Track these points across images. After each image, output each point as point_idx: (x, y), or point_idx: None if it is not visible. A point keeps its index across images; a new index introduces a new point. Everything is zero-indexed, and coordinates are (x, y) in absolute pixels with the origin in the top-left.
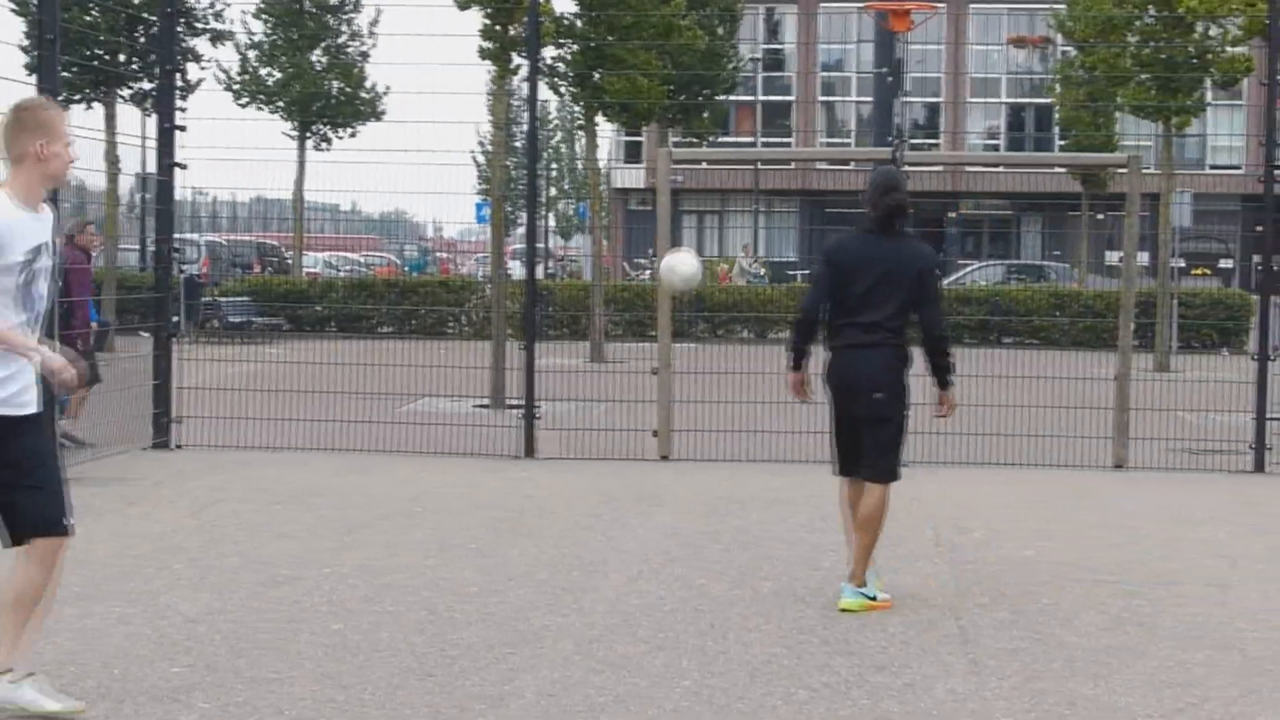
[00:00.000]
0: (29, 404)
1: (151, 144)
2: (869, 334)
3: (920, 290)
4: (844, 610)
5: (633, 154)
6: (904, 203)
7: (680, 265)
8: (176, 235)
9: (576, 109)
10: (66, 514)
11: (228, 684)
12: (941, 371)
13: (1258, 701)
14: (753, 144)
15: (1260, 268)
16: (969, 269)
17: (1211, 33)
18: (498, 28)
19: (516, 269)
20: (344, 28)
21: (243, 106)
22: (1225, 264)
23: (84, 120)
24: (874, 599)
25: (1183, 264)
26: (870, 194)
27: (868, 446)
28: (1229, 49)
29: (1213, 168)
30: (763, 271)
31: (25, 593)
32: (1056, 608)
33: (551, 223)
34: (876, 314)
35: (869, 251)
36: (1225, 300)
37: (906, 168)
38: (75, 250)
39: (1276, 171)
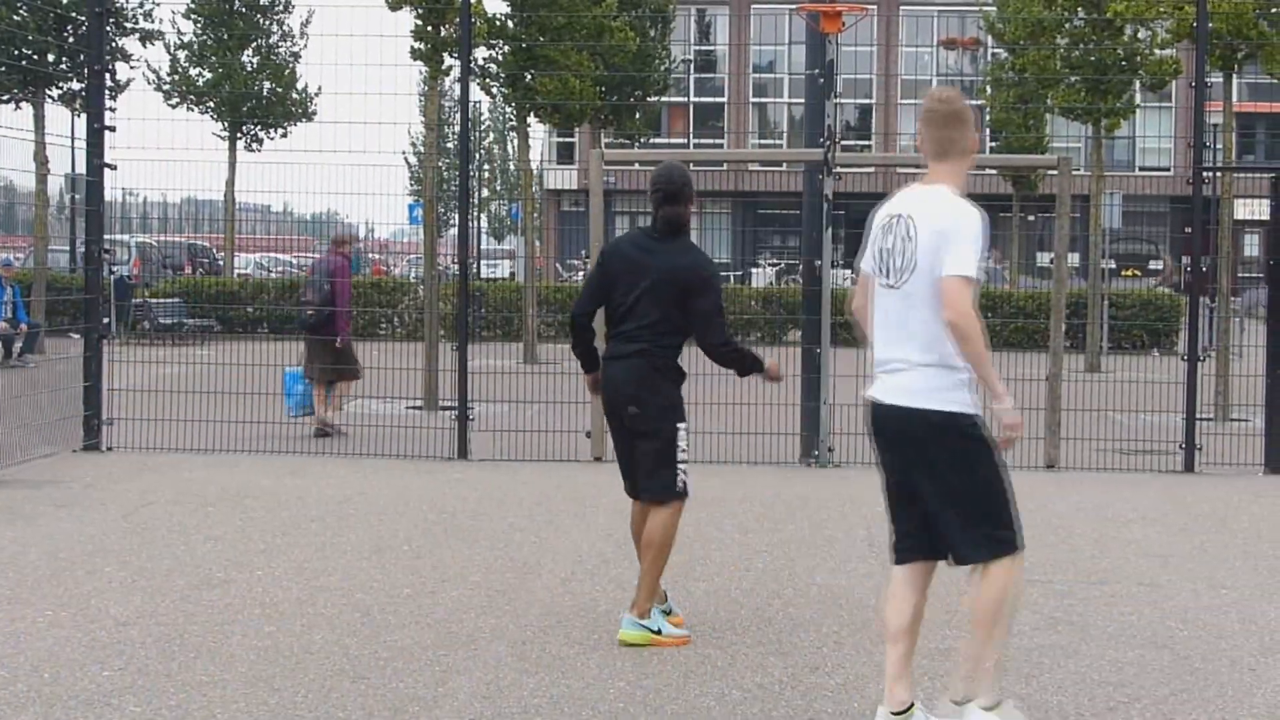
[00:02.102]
0: None
1: (81, 144)
2: (628, 344)
3: (689, 302)
4: (623, 643)
5: (565, 155)
6: (679, 215)
7: None
8: (107, 236)
9: (509, 110)
10: None
11: (159, 687)
12: (744, 372)
13: (1189, 700)
14: (685, 145)
15: (1189, 269)
16: None
17: (1140, 35)
18: (430, 28)
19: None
20: (275, 28)
21: (173, 107)
22: (1155, 265)
23: (12, 120)
24: (658, 632)
25: (1113, 265)
26: (650, 194)
27: (638, 464)
28: (1157, 51)
29: (1142, 169)
30: None
31: None
32: None
33: (484, 224)
34: (638, 323)
35: (641, 257)
36: (1155, 301)
37: (839, 169)
38: None
39: (1205, 174)
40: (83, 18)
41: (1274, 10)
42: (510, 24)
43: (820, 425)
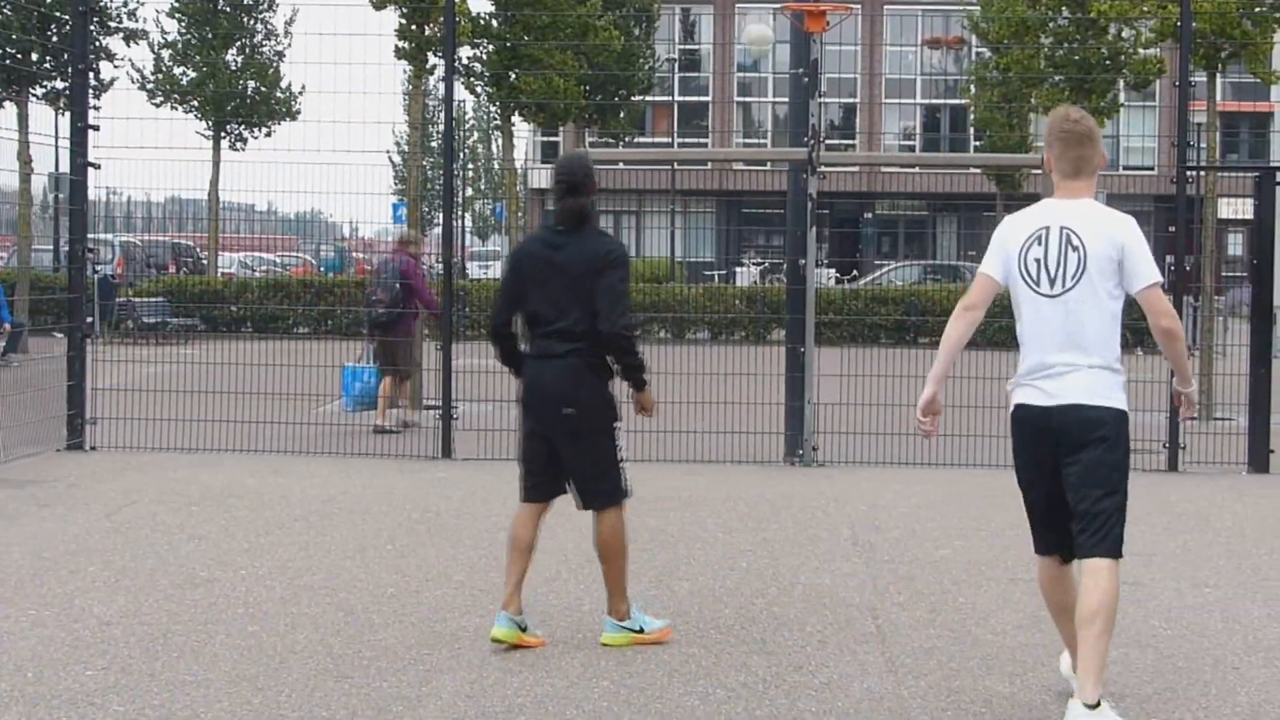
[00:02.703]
0: None
1: (65, 143)
2: (559, 344)
3: (596, 287)
4: (605, 645)
5: (549, 154)
6: (580, 206)
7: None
8: (90, 235)
9: (493, 109)
10: None
11: (143, 687)
12: (629, 372)
13: (1172, 699)
14: (669, 144)
15: (1173, 268)
16: (885, 269)
17: (1124, 35)
18: (414, 27)
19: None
20: (259, 27)
21: (157, 106)
22: None
23: None
24: (640, 631)
25: None
26: (553, 187)
27: (576, 470)
28: (1141, 51)
29: (1126, 168)
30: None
31: None
32: (973, 606)
33: (468, 223)
34: (564, 322)
35: (551, 255)
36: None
37: (823, 168)
38: None
39: (1189, 173)
40: (66, 16)
41: (1258, 10)
42: (494, 23)
43: (804, 424)
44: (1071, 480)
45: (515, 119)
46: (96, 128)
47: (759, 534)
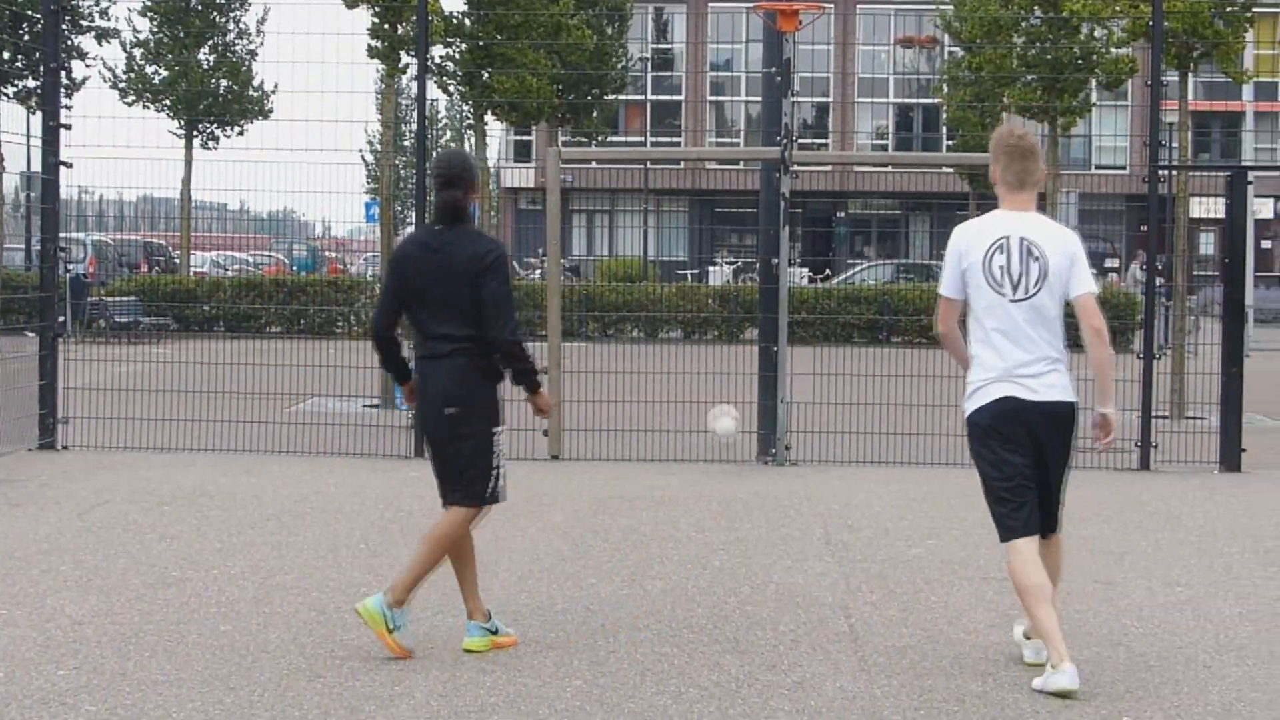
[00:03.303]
0: None
1: (36, 142)
2: (444, 344)
3: (478, 291)
4: (467, 650)
5: (522, 153)
6: (456, 201)
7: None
8: (62, 234)
9: (465, 108)
10: None
11: (115, 687)
12: (522, 377)
13: (1144, 697)
14: (642, 143)
15: (1144, 267)
16: (858, 268)
17: (1096, 34)
18: (386, 26)
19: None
20: (231, 25)
21: (129, 105)
22: (1111, 263)
23: None
24: (495, 632)
25: None
26: (434, 183)
27: (450, 467)
28: (1113, 50)
29: (1098, 168)
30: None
31: None
32: (945, 605)
33: None
34: (448, 323)
35: (429, 256)
36: (1111, 299)
37: (796, 167)
38: None
39: (1161, 172)
40: (38, 15)
41: (1229, 9)
42: (467, 22)
43: (777, 423)
44: (1048, 466)
45: (488, 118)
46: (68, 126)
47: (732, 533)
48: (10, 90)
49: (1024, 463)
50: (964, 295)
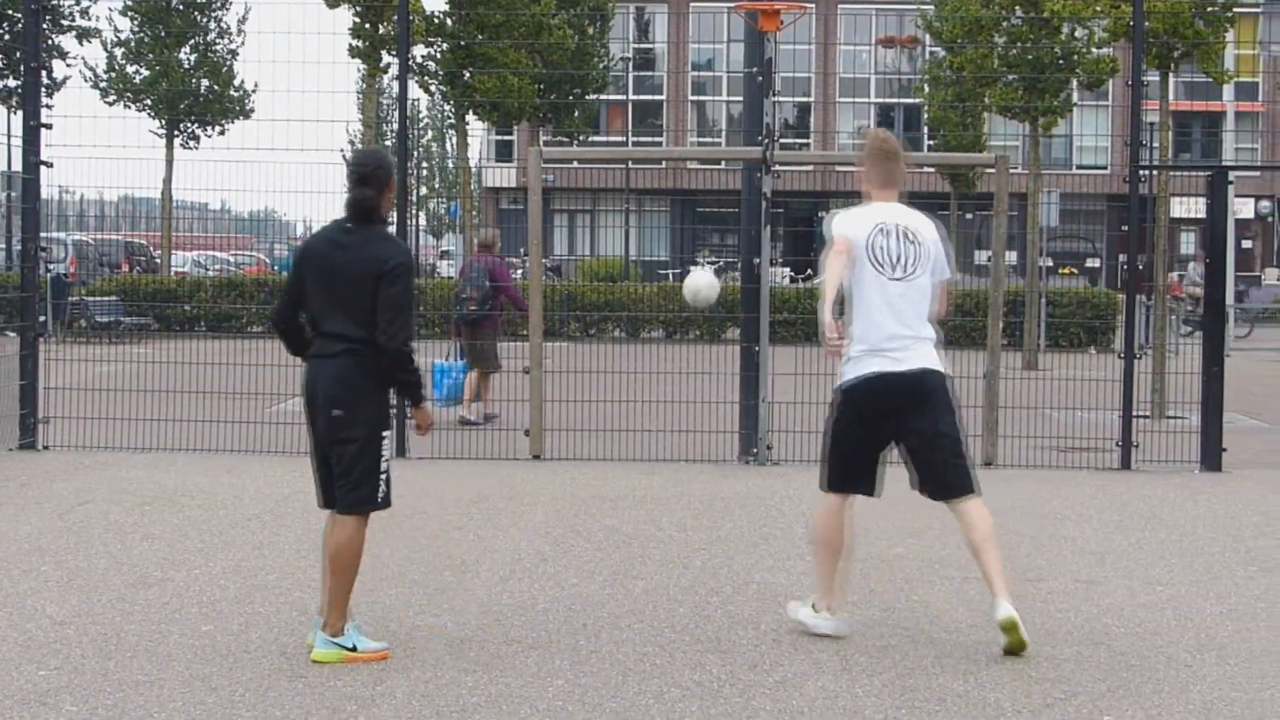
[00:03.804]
0: None
1: (17, 142)
2: (335, 343)
3: (379, 292)
4: (315, 662)
5: (504, 153)
6: (367, 200)
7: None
8: (43, 234)
9: (447, 107)
10: None
11: (96, 687)
12: (406, 389)
13: (1125, 696)
14: (624, 143)
15: (1126, 267)
16: None
17: (1077, 34)
18: (368, 26)
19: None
20: (212, 25)
21: (110, 104)
22: (1092, 263)
23: None
24: (353, 649)
25: (1050, 263)
26: (348, 180)
27: (337, 471)
28: (1094, 50)
29: (1079, 168)
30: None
31: None
32: (926, 605)
33: (422, 222)
34: (341, 322)
35: (334, 253)
36: (1092, 299)
37: (778, 167)
38: None
39: (1141, 172)
40: (18, 15)
41: (1210, 9)
42: (449, 22)
43: (759, 423)
44: (926, 435)
45: (469, 117)
46: (49, 126)
47: (714, 532)
48: None
49: (876, 438)
50: (855, 253)
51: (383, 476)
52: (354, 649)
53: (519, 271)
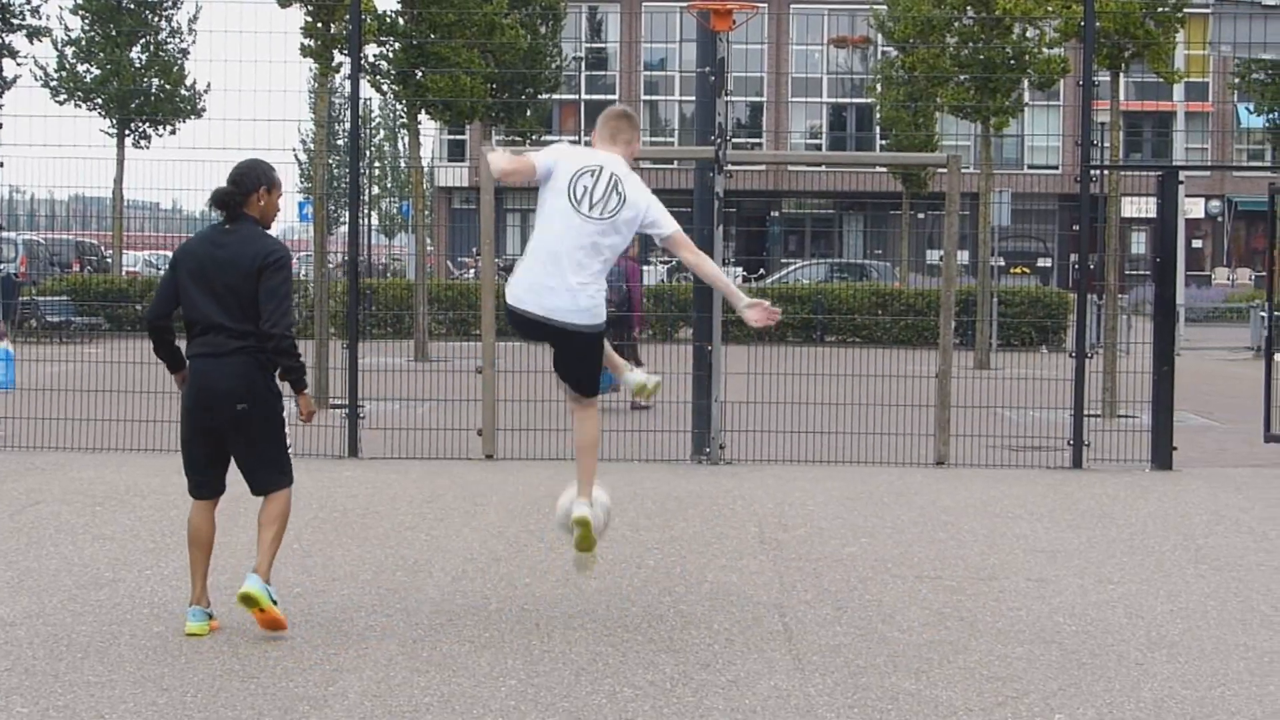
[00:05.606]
0: None
1: None
2: (229, 340)
3: (259, 287)
4: (243, 597)
5: (456, 152)
6: (228, 196)
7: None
8: None
9: (399, 107)
10: None
11: (47, 688)
12: (290, 374)
13: (1076, 694)
14: (577, 143)
15: (1077, 266)
16: (792, 268)
17: (1028, 34)
18: (319, 25)
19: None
20: (163, 24)
21: (60, 103)
22: (1044, 263)
23: None
24: (274, 603)
25: (1002, 263)
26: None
27: (249, 460)
28: (1045, 50)
29: (1031, 168)
30: None
31: None
32: (879, 604)
33: (375, 221)
34: (230, 322)
35: (212, 250)
36: (1044, 299)
37: (730, 166)
38: None
39: (1092, 172)
40: None
41: (1160, 10)
42: (400, 21)
43: (711, 422)
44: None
45: (421, 117)
46: (0, 125)
47: (666, 532)
48: None
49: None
50: (543, 176)
51: (289, 446)
52: (275, 602)
53: (471, 271)
